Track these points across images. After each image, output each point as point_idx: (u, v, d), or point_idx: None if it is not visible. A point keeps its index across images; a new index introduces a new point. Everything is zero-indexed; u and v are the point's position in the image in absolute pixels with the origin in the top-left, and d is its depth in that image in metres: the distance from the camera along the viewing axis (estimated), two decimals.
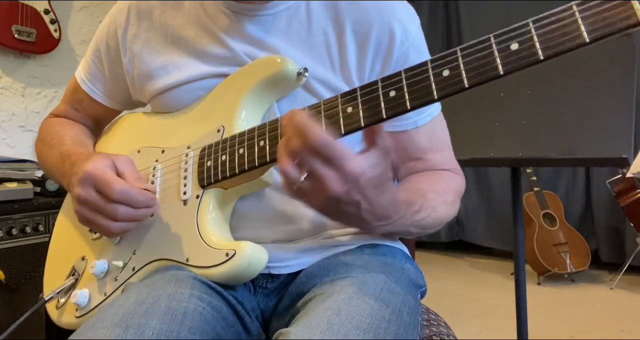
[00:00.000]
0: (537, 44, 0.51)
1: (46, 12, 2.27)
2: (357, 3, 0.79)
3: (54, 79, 2.39)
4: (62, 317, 0.82)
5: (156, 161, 0.81)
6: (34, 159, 1.85)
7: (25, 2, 2.19)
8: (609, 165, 2.68)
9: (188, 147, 0.78)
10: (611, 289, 2.94)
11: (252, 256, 0.67)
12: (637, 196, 2.83)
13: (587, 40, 0.49)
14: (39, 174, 1.83)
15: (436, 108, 0.83)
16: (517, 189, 1.46)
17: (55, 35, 2.31)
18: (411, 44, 0.79)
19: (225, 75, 0.79)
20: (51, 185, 1.78)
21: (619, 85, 1.22)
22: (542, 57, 0.51)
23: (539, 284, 3.08)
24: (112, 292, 0.76)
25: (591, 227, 3.42)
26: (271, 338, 0.58)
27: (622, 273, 2.94)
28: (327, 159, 0.55)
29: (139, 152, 0.85)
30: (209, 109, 0.79)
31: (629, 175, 2.64)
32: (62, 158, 0.83)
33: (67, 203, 0.95)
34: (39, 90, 2.37)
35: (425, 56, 0.82)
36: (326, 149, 0.54)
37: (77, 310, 0.79)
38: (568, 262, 3.01)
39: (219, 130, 0.76)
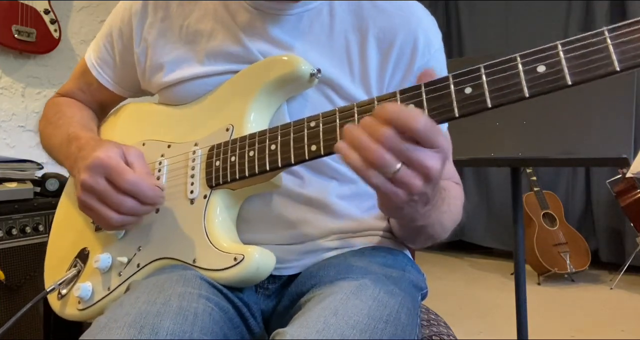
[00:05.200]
0: (565, 69, 0.49)
1: (46, 12, 2.26)
2: (383, 10, 0.78)
3: (54, 79, 2.39)
4: (64, 308, 0.81)
5: (162, 156, 0.80)
6: (34, 159, 1.85)
7: (25, 2, 2.18)
8: (609, 165, 2.68)
9: (195, 144, 0.77)
10: (611, 289, 2.94)
11: (261, 262, 0.67)
12: (637, 196, 2.83)
13: (618, 68, 0.47)
14: (39, 174, 1.83)
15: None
16: (517, 189, 1.46)
17: (55, 35, 2.31)
18: (432, 56, 0.78)
19: (236, 73, 0.78)
20: (51, 185, 1.78)
21: (619, 85, 1.22)
22: (569, 83, 0.49)
23: (539, 284, 3.08)
24: (116, 288, 0.75)
25: (591, 227, 3.42)
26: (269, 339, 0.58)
27: (622, 273, 2.94)
28: (427, 141, 0.53)
29: (143, 144, 0.83)
30: (218, 106, 0.78)
31: (629, 175, 2.64)
32: (68, 139, 0.81)
33: (70, 189, 0.93)
34: (39, 90, 2.37)
35: (443, 71, 0.81)
36: (432, 132, 0.52)
37: (79, 303, 0.78)
38: (568, 262, 3.01)
39: (227, 129, 0.75)
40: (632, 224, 2.91)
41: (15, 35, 2.15)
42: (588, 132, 1.24)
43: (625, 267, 2.95)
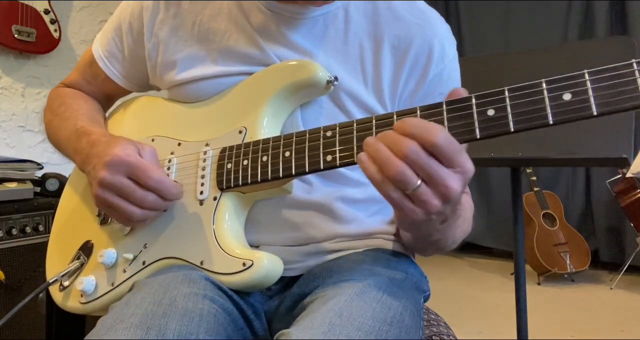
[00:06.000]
0: (592, 99, 0.49)
1: (46, 12, 2.27)
2: (399, 17, 0.77)
3: (54, 79, 2.39)
4: (66, 301, 0.81)
5: (172, 154, 0.79)
6: (34, 159, 1.85)
7: (25, 2, 2.19)
8: (609, 165, 2.67)
9: (207, 144, 0.76)
10: (611, 289, 2.94)
11: (269, 268, 0.67)
12: (637, 196, 2.83)
13: None
14: (39, 174, 1.83)
15: None
16: (517, 189, 1.46)
17: (55, 35, 2.31)
18: (446, 66, 0.78)
19: (250, 75, 0.77)
20: (51, 185, 1.78)
21: None
22: (595, 113, 0.49)
23: (539, 284, 3.08)
24: (120, 284, 0.75)
25: (591, 227, 3.42)
26: (273, 339, 0.58)
27: (622, 273, 2.94)
28: (447, 158, 0.51)
29: (153, 140, 0.83)
30: (231, 107, 0.78)
31: (629, 175, 2.64)
32: (77, 134, 0.81)
33: (75, 181, 0.92)
34: (39, 90, 2.37)
35: (457, 81, 0.81)
36: (451, 148, 0.51)
37: (82, 296, 0.78)
38: (568, 262, 3.01)
39: (240, 132, 0.74)
40: (632, 224, 2.91)
41: (15, 35, 2.15)
42: (588, 132, 1.23)
43: (625, 267, 2.95)
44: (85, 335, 0.59)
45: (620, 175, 2.90)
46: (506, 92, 0.53)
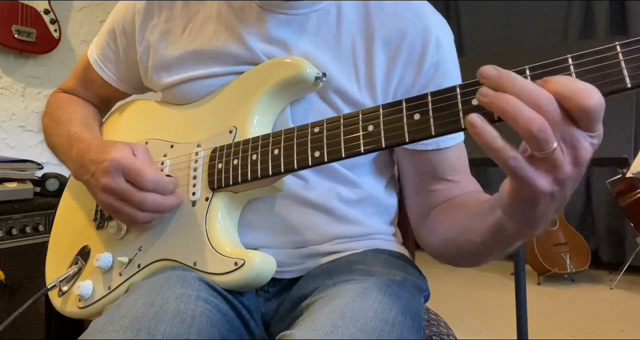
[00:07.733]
0: None
1: (46, 12, 2.26)
2: (391, 12, 0.76)
3: (54, 79, 2.39)
4: (65, 306, 0.82)
5: (164, 156, 0.80)
6: (34, 159, 1.85)
7: (25, 2, 2.18)
8: (609, 165, 2.67)
9: (198, 146, 0.77)
10: (611, 289, 2.94)
11: (261, 267, 0.67)
12: (637, 196, 2.82)
13: (629, 85, 0.45)
14: (39, 174, 1.83)
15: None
16: None
17: (55, 35, 2.31)
18: (442, 57, 0.76)
19: (240, 74, 0.77)
20: (51, 185, 1.78)
21: None
22: None
23: (539, 284, 3.08)
24: (117, 287, 0.76)
25: (591, 227, 3.42)
26: None
27: (622, 273, 2.94)
28: (591, 122, 0.45)
29: (146, 143, 0.83)
30: (221, 107, 0.78)
31: (629, 175, 2.64)
32: (70, 141, 0.82)
33: (73, 186, 0.93)
34: (39, 90, 2.36)
35: (455, 74, 0.79)
36: (601, 113, 0.44)
37: (80, 301, 0.79)
38: (568, 262, 3.01)
39: (231, 132, 0.74)
40: (632, 224, 2.91)
41: (15, 35, 2.15)
42: None
43: (625, 267, 2.95)
44: None
45: (620, 175, 2.90)
46: None
